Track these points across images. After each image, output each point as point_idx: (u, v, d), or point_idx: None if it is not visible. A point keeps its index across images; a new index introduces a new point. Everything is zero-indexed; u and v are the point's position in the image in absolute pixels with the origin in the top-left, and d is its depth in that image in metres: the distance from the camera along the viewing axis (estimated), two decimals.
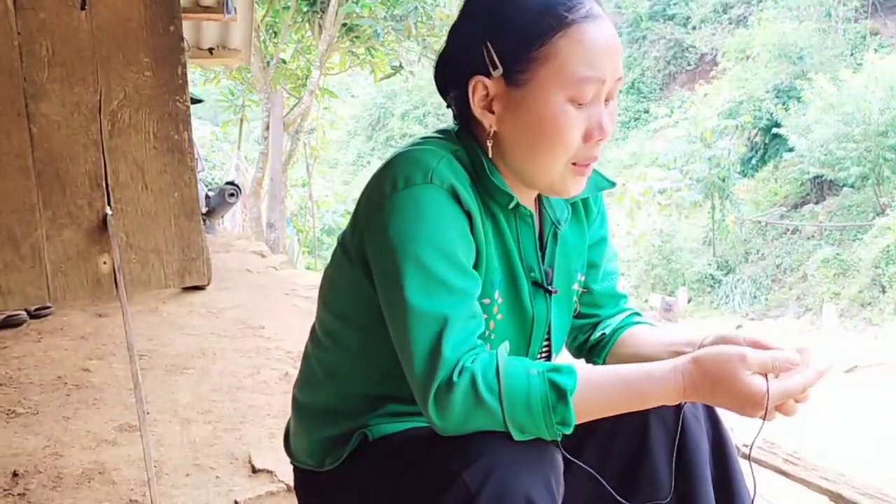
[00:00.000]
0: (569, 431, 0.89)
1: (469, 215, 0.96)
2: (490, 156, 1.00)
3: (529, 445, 0.89)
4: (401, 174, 0.94)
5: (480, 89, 0.98)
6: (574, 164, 0.98)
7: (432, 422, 0.90)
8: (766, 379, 0.89)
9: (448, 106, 1.07)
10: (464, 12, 1.01)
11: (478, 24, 0.98)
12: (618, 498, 1.02)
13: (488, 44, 0.96)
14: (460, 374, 0.88)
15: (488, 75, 0.97)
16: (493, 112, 0.98)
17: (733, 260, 17.38)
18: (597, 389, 0.91)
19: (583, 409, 0.89)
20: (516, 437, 0.88)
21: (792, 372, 0.91)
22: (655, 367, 0.92)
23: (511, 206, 1.02)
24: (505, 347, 0.94)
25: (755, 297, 16.21)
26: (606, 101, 0.98)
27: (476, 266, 0.98)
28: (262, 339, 3.52)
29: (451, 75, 1.02)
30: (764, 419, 0.90)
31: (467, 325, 0.91)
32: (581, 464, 1.00)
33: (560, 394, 0.87)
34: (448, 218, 0.93)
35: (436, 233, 0.92)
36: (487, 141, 1.00)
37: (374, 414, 1.05)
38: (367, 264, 0.98)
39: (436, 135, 1.06)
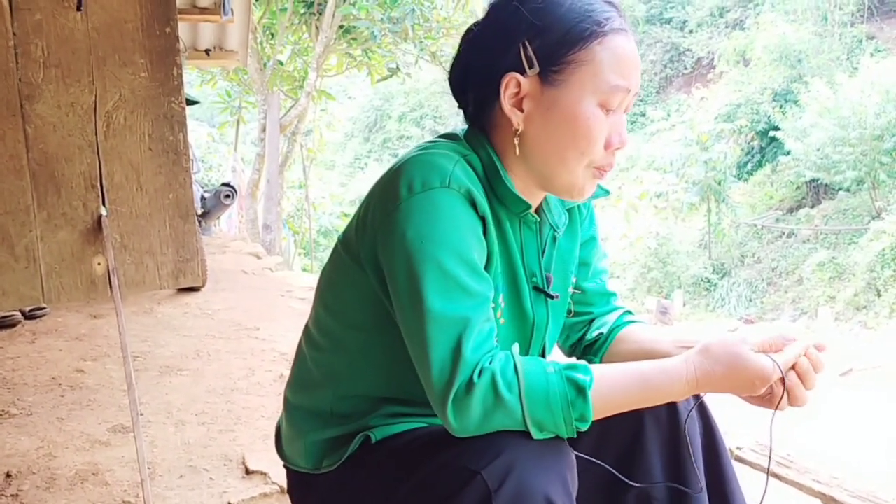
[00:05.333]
0: (586, 428, 0.91)
1: (483, 219, 0.97)
2: (517, 154, 1.01)
3: (547, 444, 0.90)
4: (417, 177, 0.94)
5: (513, 86, 0.99)
6: (595, 167, 1.01)
7: (449, 424, 0.90)
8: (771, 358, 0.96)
9: (460, 107, 1.08)
10: (497, 13, 1.03)
11: (515, 24, 0.99)
12: (622, 478, 1.04)
13: (526, 43, 0.98)
14: (480, 374, 0.88)
15: (523, 73, 0.98)
16: (521, 111, 1.00)
17: (729, 263, 17.40)
18: (613, 385, 0.93)
19: (600, 405, 0.91)
20: (535, 435, 0.90)
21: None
22: (667, 362, 0.96)
23: (523, 212, 1.03)
24: (517, 348, 0.95)
25: (751, 300, 16.23)
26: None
27: (486, 269, 0.99)
28: (256, 340, 3.52)
29: (477, 74, 1.03)
30: (778, 402, 0.99)
31: (485, 328, 0.93)
32: (596, 460, 1.02)
33: (579, 390, 0.89)
34: (465, 222, 0.94)
35: (455, 237, 0.93)
36: (514, 139, 1.01)
37: (373, 415, 1.05)
38: (378, 268, 0.98)
39: (444, 139, 1.06)
